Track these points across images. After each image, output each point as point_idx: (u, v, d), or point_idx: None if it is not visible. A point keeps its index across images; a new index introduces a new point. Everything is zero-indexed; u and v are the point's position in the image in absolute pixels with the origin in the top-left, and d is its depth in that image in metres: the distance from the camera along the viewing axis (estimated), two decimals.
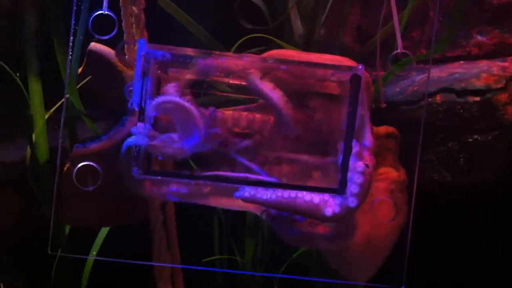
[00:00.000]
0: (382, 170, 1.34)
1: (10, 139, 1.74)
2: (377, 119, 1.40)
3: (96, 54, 1.26)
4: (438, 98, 1.72)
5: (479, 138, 1.69)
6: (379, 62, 1.32)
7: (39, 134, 1.46)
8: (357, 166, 1.11)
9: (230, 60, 1.14)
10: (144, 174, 1.12)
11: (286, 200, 1.11)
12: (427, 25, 2.01)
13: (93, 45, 1.25)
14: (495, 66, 1.79)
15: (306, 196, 1.11)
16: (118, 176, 1.17)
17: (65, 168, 1.25)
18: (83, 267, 1.53)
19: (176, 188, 1.16)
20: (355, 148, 1.11)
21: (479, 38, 1.99)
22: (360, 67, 1.12)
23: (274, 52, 1.25)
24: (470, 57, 1.99)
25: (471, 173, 1.71)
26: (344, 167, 1.11)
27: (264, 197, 1.12)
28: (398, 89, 1.82)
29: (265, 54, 1.24)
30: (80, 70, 1.28)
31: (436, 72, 1.83)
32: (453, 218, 1.84)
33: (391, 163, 1.38)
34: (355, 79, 1.11)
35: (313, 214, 1.11)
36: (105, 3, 1.10)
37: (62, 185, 1.24)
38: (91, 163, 1.16)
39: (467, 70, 1.80)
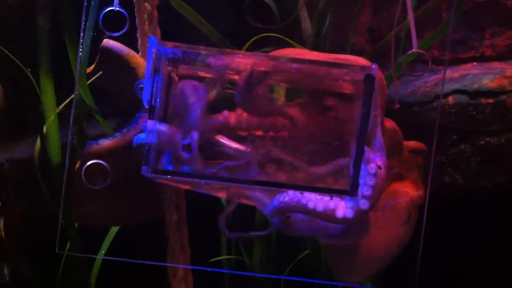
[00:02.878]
0: (403, 185, 1.33)
1: (22, 136, 1.74)
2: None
3: (109, 51, 1.25)
4: (451, 99, 1.70)
5: (491, 141, 1.67)
6: (393, 63, 1.30)
7: (50, 129, 1.45)
8: (369, 168, 1.09)
9: (241, 58, 1.13)
10: (153, 173, 1.10)
11: (297, 203, 1.11)
12: (440, 26, 1.99)
13: (106, 41, 1.24)
14: (509, 68, 1.77)
15: (317, 198, 1.10)
16: (132, 173, 1.16)
17: (77, 166, 1.24)
18: (93, 264, 1.53)
19: None
20: (367, 150, 1.10)
21: (492, 39, 1.97)
22: (374, 66, 1.11)
23: (288, 51, 1.24)
24: (483, 59, 1.97)
25: (483, 176, 1.69)
26: (356, 169, 1.09)
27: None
28: (410, 90, 1.81)
29: (279, 52, 1.23)
30: (92, 68, 1.27)
31: (449, 74, 1.81)
32: (464, 221, 1.83)
33: (415, 179, 1.36)
34: (369, 79, 1.09)
35: (324, 215, 1.10)
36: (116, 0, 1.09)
37: (74, 183, 1.23)
38: (100, 162, 1.15)
39: (480, 72, 1.78)
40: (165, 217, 1.31)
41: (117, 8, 1.10)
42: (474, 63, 1.95)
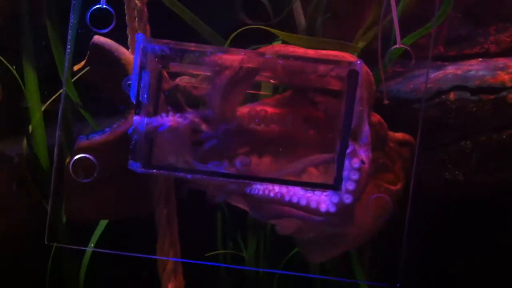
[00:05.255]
0: (383, 176, 1.33)
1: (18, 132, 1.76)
2: (390, 117, 1.39)
3: (99, 47, 1.27)
4: (452, 96, 1.69)
5: (493, 137, 1.66)
6: (381, 59, 1.31)
7: (36, 126, 1.47)
8: (353, 162, 1.10)
9: (229, 55, 1.14)
10: (142, 168, 1.13)
11: (281, 198, 1.12)
12: (445, 21, 1.98)
13: (97, 38, 1.26)
14: None
15: (300, 192, 1.11)
16: (122, 167, 1.18)
17: (67, 161, 1.26)
18: (82, 259, 1.55)
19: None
20: (352, 145, 1.11)
21: (497, 35, 1.96)
22: (358, 62, 1.11)
23: (276, 47, 1.25)
24: (488, 55, 1.96)
25: (485, 172, 1.68)
26: (340, 163, 1.10)
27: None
28: (412, 86, 1.80)
29: (267, 49, 1.24)
30: (81, 64, 1.29)
31: (452, 70, 1.80)
32: (465, 217, 1.82)
33: (398, 169, 1.37)
34: (352, 75, 1.10)
35: (307, 209, 1.11)
36: None
37: (65, 178, 1.25)
38: (87, 156, 1.17)
39: (483, 68, 1.77)
40: (155, 211, 1.32)
41: (104, 6, 1.12)
42: (479, 59, 1.93)
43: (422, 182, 1.66)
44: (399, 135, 1.38)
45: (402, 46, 1.18)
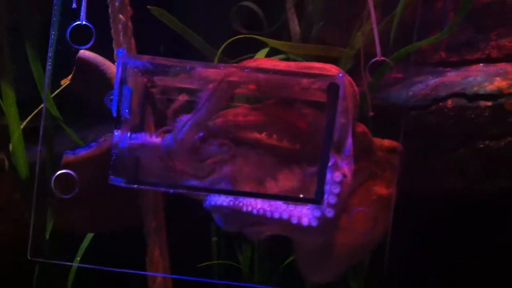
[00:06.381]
0: (374, 184, 1.32)
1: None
2: (386, 125, 1.39)
3: (85, 62, 1.28)
4: (449, 103, 1.68)
5: (491, 144, 1.64)
6: (364, 70, 1.29)
7: (16, 143, 1.48)
8: (334, 176, 1.10)
9: (208, 70, 1.14)
10: (124, 183, 1.13)
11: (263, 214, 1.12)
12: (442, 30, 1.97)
13: (82, 52, 1.27)
14: None
15: (282, 206, 1.11)
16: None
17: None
18: (69, 272, 1.55)
19: None
20: (333, 158, 1.10)
21: (498, 40, 1.94)
22: (340, 75, 1.11)
23: (259, 61, 1.25)
24: (489, 60, 1.94)
25: (484, 180, 1.67)
26: (321, 177, 1.10)
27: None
28: (410, 93, 1.79)
29: (250, 63, 1.24)
30: (68, 79, 1.30)
31: (452, 77, 1.79)
32: (464, 225, 1.80)
33: (389, 177, 1.36)
34: (333, 88, 1.09)
35: (289, 224, 1.11)
36: (82, 14, 1.11)
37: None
38: (69, 171, 1.18)
39: (482, 74, 1.75)
40: (144, 223, 1.33)
41: (84, 22, 1.13)
42: (480, 65, 1.92)
43: (420, 189, 1.66)
44: (386, 143, 1.37)
45: (383, 58, 1.17)
